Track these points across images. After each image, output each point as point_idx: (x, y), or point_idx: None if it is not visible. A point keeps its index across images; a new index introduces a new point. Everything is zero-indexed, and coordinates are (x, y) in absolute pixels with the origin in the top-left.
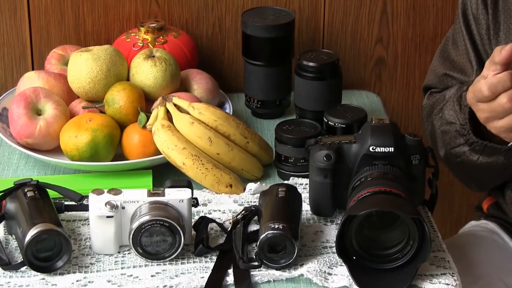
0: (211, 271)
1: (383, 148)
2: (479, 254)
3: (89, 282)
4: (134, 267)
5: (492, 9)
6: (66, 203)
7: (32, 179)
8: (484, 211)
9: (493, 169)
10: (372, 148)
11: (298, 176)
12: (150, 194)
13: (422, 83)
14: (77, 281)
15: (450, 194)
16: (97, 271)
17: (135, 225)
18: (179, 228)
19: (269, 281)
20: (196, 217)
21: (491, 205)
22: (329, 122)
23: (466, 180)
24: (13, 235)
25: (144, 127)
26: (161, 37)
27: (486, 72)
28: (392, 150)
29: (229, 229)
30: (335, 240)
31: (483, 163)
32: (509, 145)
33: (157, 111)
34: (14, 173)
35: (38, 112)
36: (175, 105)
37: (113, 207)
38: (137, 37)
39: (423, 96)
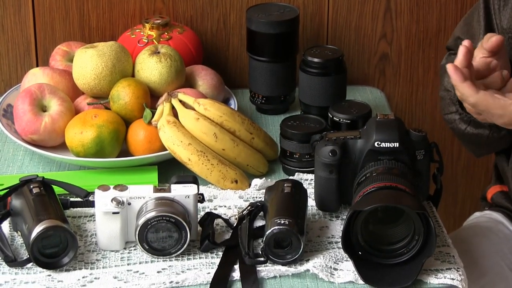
0: (217, 266)
1: (388, 143)
2: (485, 245)
3: (95, 278)
4: (140, 263)
5: None
6: (71, 199)
7: (37, 176)
8: (488, 200)
9: (479, 141)
10: (377, 144)
11: (303, 172)
12: (156, 190)
13: (426, 78)
14: (83, 277)
15: (454, 188)
16: (103, 267)
17: (141, 221)
18: (185, 224)
19: (275, 277)
20: (202, 213)
21: (496, 194)
22: (334, 118)
23: (465, 145)
24: (18, 232)
25: (149, 123)
26: (166, 33)
27: (476, 53)
28: (397, 146)
29: (234, 225)
30: (340, 235)
31: (469, 133)
32: None
33: (163, 107)
34: (19, 169)
35: (43, 109)
36: (180, 101)
37: (119, 203)
38: (142, 33)
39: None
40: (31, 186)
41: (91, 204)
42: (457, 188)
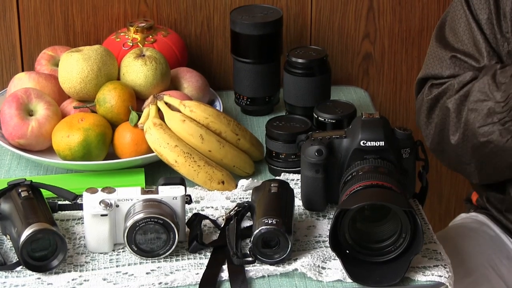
0: (205, 267)
1: (374, 142)
2: (471, 246)
3: (85, 280)
4: (129, 264)
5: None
6: (60, 202)
7: (25, 179)
8: (473, 203)
9: None
10: (363, 143)
11: (289, 172)
12: (144, 192)
13: (409, 77)
14: (72, 279)
15: (439, 187)
16: (92, 269)
17: (129, 223)
18: (173, 225)
19: (263, 276)
20: (189, 214)
21: (480, 197)
22: (319, 118)
23: (474, 166)
24: (7, 236)
25: (135, 125)
26: (151, 36)
27: None
28: (383, 144)
29: (222, 226)
30: (328, 234)
31: (509, 146)
32: None
33: (149, 109)
34: (6, 173)
35: (30, 113)
36: (166, 103)
37: (107, 205)
38: (127, 36)
39: (416, 89)
40: (20, 190)
41: (79, 207)
42: (442, 186)
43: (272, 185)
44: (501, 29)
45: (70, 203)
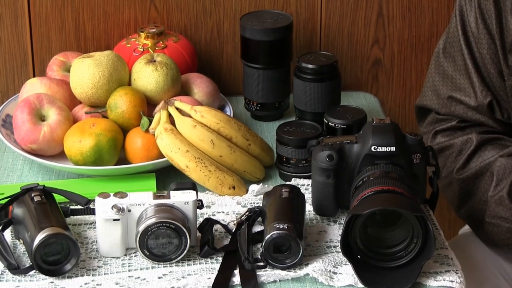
0: (217, 272)
1: (385, 147)
2: (483, 254)
3: (97, 285)
4: (141, 269)
5: (496, 29)
6: (72, 207)
7: (38, 184)
8: None
9: None
10: (374, 148)
11: (300, 177)
12: (156, 196)
13: (419, 83)
14: (85, 284)
15: None
16: (104, 273)
17: (142, 227)
18: (185, 230)
19: (275, 281)
20: (201, 219)
21: None
22: (329, 123)
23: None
24: (20, 240)
25: (146, 131)
26: (161, 42)
27: None
28: (394, 150)
29: (233, 230)
30: (339, 239)
31: None
32: None
33: (160, 114)
34: (19, 178)
35: (42, 118)
36: (177, 108)
37: (120, 210)
38: (137, 42)
39: (417, 116)
40: (32, 195)
41: (92, 212)
42: None
43: (283, 190)
44: (507, 62)
45: (82, 207)
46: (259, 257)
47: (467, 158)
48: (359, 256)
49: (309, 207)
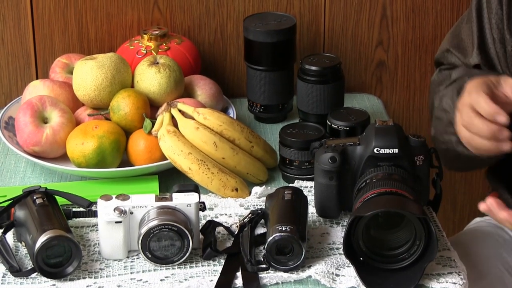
0: (219, 274)
1: (388, 149)
2: (485, 249)
3: (99, 287)
4: (143, 271)
5: (506, 5)
6: (74, 209)
7: (40, 186)
8: None
9: (474, 161)
10: (377, 150)
11: (303, 179)
12: (158, 199)
13: (423, 85)
14: (87, 286)
15: (453, 195)
16: (106, 276)
17: (144, 230)
18: (187, 232)
19: (277, 283)
20: (203, 221)
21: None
22: (333, 125)
23: (447, 163)
24: (22, 242)
25: (149, 133)
26: (164, 44)
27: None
28: (397, 152)
29: (236, 233)
30: (342, 241)
31: (465, 155)
32: None
33: (162, 117)
34: (21, 181)
35: (45, 120)
36: (180, 110)
37: (122, 212)
38: (140, 44)
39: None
40: (35, 197)
41: (94, 214)
42: (456, 194)
43: (285, 192)
44: (510, 29)
45: (84, 210)
46: (262, 259)
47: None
48: (361, 258)
49: (312, 209)
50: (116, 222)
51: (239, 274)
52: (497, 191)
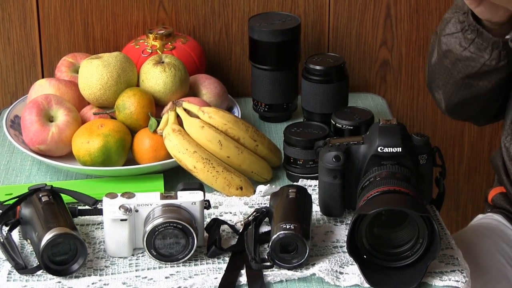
0: (224, 272)
1: (391, 148)
2: (487, 244)
3: (105, 284)
4: (148, 269)
5: None
6: (79, 207)
7: (46, 184)
8: (489, 202)
9: (470, 70)
10: (380, 149)
11: (307, 178)
12: (163, 197)
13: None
14: (92, 283)
15: (456, 193)
16: (112, 273)
17: (149, 227)
18: (192, 230)
19: (281, 281)
20: (208, 220)
21: (496, 195)
22: (337, 124)
23: (442, 92)
24: (28, 240)
25: (154, 131)
26: (169, 43)
27: None
28: (400, 150)
29: (240, 231)
30: (345, 239)
31: (465, 57)
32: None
33: (168, 115)
34: (27, 179)
35: (50, 119)
36: (185, 109)
37: (127, 210)
38: (146, 43)
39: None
40: (40, 195)
41: (99, 212)
42: (459, 193)
43: (290, 190)
44: None
45: (90, 208)
46: (266, 257)
47: None
48: (365, 256)
49: (316, 208)
50: (121, 220)
51: (243, 272)
52: (500, 176)
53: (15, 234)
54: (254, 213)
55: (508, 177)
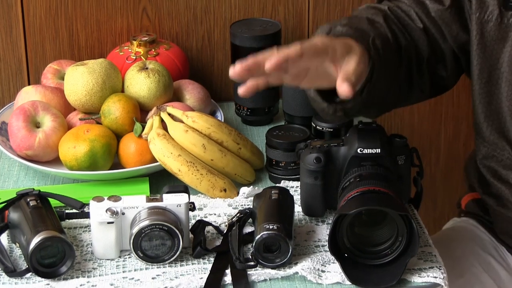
0: (209, 272)
1: (370, 149)
2: (462, 248)
3: (93, 286)
4: (135, 270)
5: None
6: (67, 211)
7: (34, 189)
8: (462, 208)
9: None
10: (360, 150)
11: (289, 179)
12: (149, 199)
13: None
14: (80, 285)
15: (433, 193)
16: (99, 275)
17: (135, 230)
18: (177, 232)
19: (265, 280)
20: (193, 221)
21: (468, 202)
22: (317, 127)
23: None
24: (17, 243)
25: (140, 136)
26: (153, 50)
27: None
28: (379, 151)
29: (225, 232)
30: (327, 238)
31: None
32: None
33: (152, 120)
34: (15, 184)
35: (37, 125)
36: (169, 114)
37: (114, 213)
38: (130, 50)
39: None
40: (28, 199)
41: (87, 215)
42: (436, 192)
43: (272, 192)
44: None
45: (77, 211)
46: (250, 257)
47: None
48: (346, 255)
49: (298, 208)
50: (108, 223)
51: (228, 271)
52: (472, 186)
53: (4, 238)
54: (238, 214)
55: (483, 188)
